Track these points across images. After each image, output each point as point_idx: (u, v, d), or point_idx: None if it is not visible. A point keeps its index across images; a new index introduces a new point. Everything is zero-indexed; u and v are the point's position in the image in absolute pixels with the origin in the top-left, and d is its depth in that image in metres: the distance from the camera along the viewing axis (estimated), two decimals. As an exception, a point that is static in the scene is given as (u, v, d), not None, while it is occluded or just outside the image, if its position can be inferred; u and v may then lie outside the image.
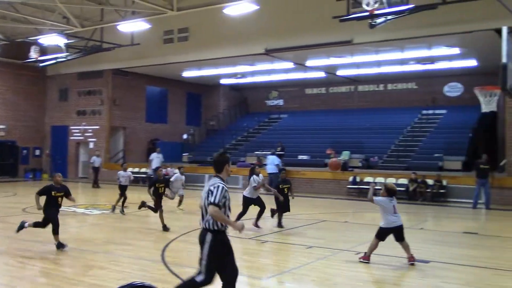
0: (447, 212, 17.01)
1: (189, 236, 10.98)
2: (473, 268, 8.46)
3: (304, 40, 20.88)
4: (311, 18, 19.89)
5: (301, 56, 24.00)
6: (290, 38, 21.27)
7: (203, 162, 27.35)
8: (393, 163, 22.94)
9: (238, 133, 31.66)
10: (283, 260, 8.84)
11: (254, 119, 32.90)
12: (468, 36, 18.81)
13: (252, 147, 28.28)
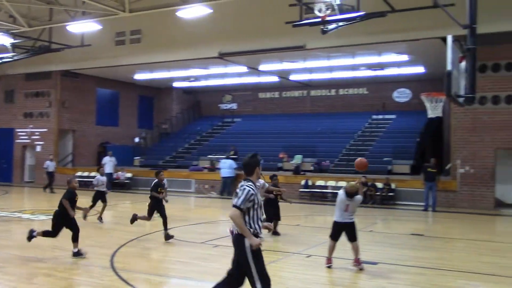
0: (395, 214, 17.44)
1: (141, 241, 10.81)
2: (419, 269, 8.70)
3: (258, 44, 21.00)
4: (265, 23, 20.02)
5: (254, 60, 24.12)
6: (244, 42, 21.34)
7: (155, 166, 27.00)
8: (344, 166, 23.34)
9: (191, 136, 31.45)
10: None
11: (207, 122, 32.79)
12: (415, 44, 19.43)
13: (205, 151, 28.15)
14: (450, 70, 8.71)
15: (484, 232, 13.63)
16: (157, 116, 34.08)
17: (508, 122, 18.33)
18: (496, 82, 18.52)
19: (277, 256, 9.39)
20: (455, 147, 19.35)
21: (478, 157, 18.75)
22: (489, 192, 18.54)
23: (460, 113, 18.94)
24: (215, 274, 8.04)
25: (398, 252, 10.33)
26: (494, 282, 7.79)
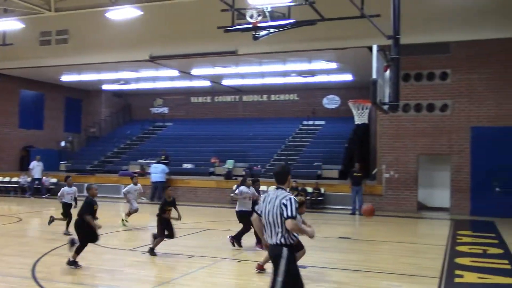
0: (324, 218, 17.82)
1: (64, 249, 10.38)
2: (347, 272, 8.93)
3: (190, 48, 20.85)
4: (197, 27, 19.91)
5: (186, 64, 23.94)
6: (176, 46, 21.11)
7: (82, 171, 26.13)
8: (275, 171, 23.57)
9: (121, 140, 30.70)
10: (164, 271, 8.68)
11: (137, 126, 32.12)
12: (344, 52, 20.03)
13: (135, 156, 27.58)
14: (375, 78, 9.03)
15: (407, 235, 14.21)
16: (85, 119, 32.99)
17: (429, 129, 19.28)
18: (418, 91, 19.44)
19: (208, 262, 9.33)
20: (381, 153, 20.10)
21: (402, 162, 19.58)
22: (412, 196, 19.39)
23: (385, 120, 19.72)
24: (143, 282, 7.87)
25: (326, 255, 10.54)
26: (416, 282, 8.12)
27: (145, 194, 23.04)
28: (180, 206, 13.87)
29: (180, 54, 21.43)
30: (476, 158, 18.60)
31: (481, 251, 10.95)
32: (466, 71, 18.92)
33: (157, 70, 25.21)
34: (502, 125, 18.40)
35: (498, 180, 18.20)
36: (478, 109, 18.77)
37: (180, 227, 13.32)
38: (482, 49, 18.65)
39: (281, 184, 5.42)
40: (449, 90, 19.12)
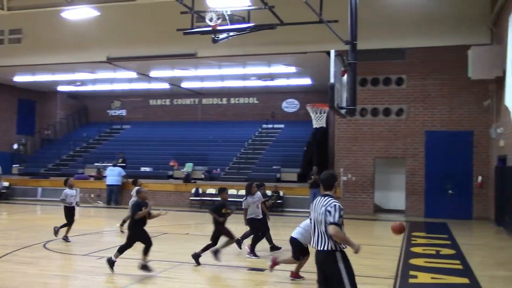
0: (283, 221, 17.90)
1: (15, 255, 10.05)
2: (304, 274, 8.98)
3: (148, 50, 20.61)
4: (156, 29, 19.71)
5: (145, 66, 23.66)
6: (134, 48, 20.83)
7: (36, 174, 25.40)
8: (235, 174, 23.60)
9: (77, 143, 29.99)
10: (119, 277, 8.51)
11: (94, 129, 31.45)
12: (303, 57, 20.25)
13: (92, 159, 27.01)
14: (333, 83, 9.14)
15: (364, 236, 14.44)
16: (40, 121, 32.04)
17: (385, 133, 19.70)
18: (375, 95, 19.85)
19: (165, 266, 9.22)
20: (339, 156, 20.40)
21: (359, 166, 19.93)
22: (369, 199, 19.75)
23: (343, 124, 20.03)
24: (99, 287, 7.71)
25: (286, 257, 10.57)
26: (372, 283, 8.26)
27: (100, 197, 22.67)
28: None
29: (139, 56, 21.16)
30: (430, 162, 19.12)
31: (434, 252, 11.24)
32: (421, 77, 19.44)
33: (115, 71, 24.79)
34: (454, 129, 19.00)
35: (451, 183, 18.77)
36: (432, 113, 19.32)
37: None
38: (436, 56, 19.23)
39: (327, 190, 5.51)
40: (405, 95, 19.61)
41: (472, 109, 18.88)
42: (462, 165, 18.81)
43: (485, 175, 18.51)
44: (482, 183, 18.50)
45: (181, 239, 12.90)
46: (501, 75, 15.43)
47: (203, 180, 23.48)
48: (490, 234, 15.17)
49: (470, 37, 17.74)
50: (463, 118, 18.99)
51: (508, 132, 14.85)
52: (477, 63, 16.08)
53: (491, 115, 18.06)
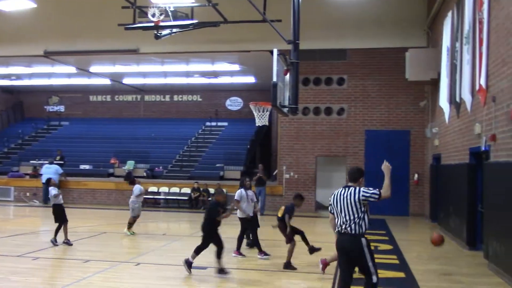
0: (228, 219, 17.84)
1: None
2: (245, 271, 9.03)
3: (88, 45, 20.06)
4: (96, 23, 19.20)
5: (84, 61, 23.00)
6: (73, 42, 20.20)
7: (-34, 172, 24.16)
8: (177, 172, 23.36)
9: (11, 140, 28.73)
10: (56, 277, 8.24)
11: (30, 125, 30.24)
12: (246, 55, 20.33)
13: (27, 156, 25.95)
14: (275, 81, 9.23)
15: (307, 233, 14.59)
16: (-29, 117, 30.52)
17: (326, 131, 20.08)
18: (317, 95, 20.19)
19: (104, 266, 8.99)
20: (281, 154, 20.60)
21: (301, 164, 20.21)
22: (311, 196, 20.05)
23: (286, 122, 20.25)
24: (33, 290, 7.43)
25: (229, 255, 10.57)
26: (314, 279, 8.39)
27: (37, 196, 21.85)
28: (77, 209, 13.31)
29: (78, 51, 20.56)
30: (369, 160, 19.64)
31: (372, 248, 11.51)
32: (361, 78, 19.95)
33: (53, 66, 23.96)
34: (392, 128, 19.63)
35: (389, 181, 19.34)
36: (371, 113, 19.86)
37: (76, 230, 12.77)
38: (375, 57, 19.79)
39: (352, 182, 6.24)
40: (346, 95, 20.05)
41: (409, 109, 19.56)
42: (400, 163, 19.41)
43: (420, 173, 19.24)
44: (418, 181, 19.22)
45: (121, 238, 12.63)
46: (436, 77, 16.07)
47: (145, 178, 23.06)
48: (425, 230, 15.78)
49: (407, 40, 18.40)
50: (401, 118, 19.64)
51: (443, 132, 15.50)
52: (414, 65, 16.65)
53: (427, 115, 18.78)
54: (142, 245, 11.47)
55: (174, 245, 11.72)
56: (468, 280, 8.63)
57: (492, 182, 9.38)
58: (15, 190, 22.25)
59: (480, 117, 10.66)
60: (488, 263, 9.50)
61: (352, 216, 5.90)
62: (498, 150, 9.29)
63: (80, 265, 9.13)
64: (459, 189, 12.23)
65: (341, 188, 6.17)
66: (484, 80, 10.15)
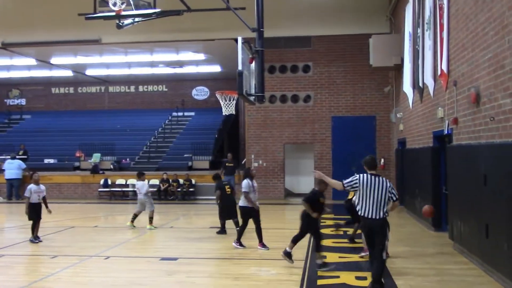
0: (196, 209, 17.89)
1: None
2: (217, 260, 9.06)
3: (48, 35, 19.53)
4: (56, 13, 18.64)
5: (45, 52, 22.44)
6: (32, 33, 19.63)
7: None
8: (145, 164, 23.13)
9: (-29, 135, 27.93)
10: (23, 274, 8.08)
11: (-10, 119, 29.45)
12: (211, 44, 20.18)
13: (-12, 151, 25.24)
14: (241, 70, 9.19)
15: (276, 221, 14.76)
16: None
17: (293, 119, 20.18)
18: (283, 82, 20.24)
19: (73, 261, 8.86)
20: (249, 143, 20.63)
21: (270, 152, 20.28)
22: (279, 184, 20.18)
23: (253, 111, 20.26)
24: (-2, 288, 7.26)
25: (197, 245, 10.57)
26: (284, 266, 8.45)
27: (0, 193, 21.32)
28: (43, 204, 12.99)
29: (37, 42, 20.02)
30: (336, 146, 19.87)
31: (341, 233, 11.73)
32: (326, 64, 20.08)
33: (11, 58, 23.28)
34: (358, 114, 19.86)
35: (356, 166, 19.59)
36: (337, 99, 20.04)
37: (42, 226, 12.54)
38: (340, 44, 19.95)
39: (374, 170, 6.97)
40: (311, 82, 20.17)
41: (374, 95, 19.82)
42: (366, 148, 19.68)
43: (387, 157, 19.57)
44: (384, 165, 19.54)
45: (90, 232, 12.45)
46: (400, 62, 16.31)
47: (112, 170, 22.76)
48: (391, 213, 15.97)
49: (371, 26, 18.58)
50: (366, 103, 19.89)
51: (407, 117, 15.77)
52: (377, 51, 16.86)
53: (391, 100, 19.08)
54: (111, 239, 11.33)
55: (144, 237, 11.63)
56: (434, 260, 8.86)
57: (455, 165, 9.61)
58: (-23, 187, 21.65)
59: (442, 101, 10.88)
60: (453, 243, 9.77)
61: (384, 202, 6.68)
62: (460, 133, 9.52)
63: (47, 261, 8.97)
64: (424, 172, 12.50)
65: (367, 174, 6.86)
66: (445, 65, 10.36)
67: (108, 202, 20.06)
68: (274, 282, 7.53)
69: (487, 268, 7.73)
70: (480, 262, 8.07)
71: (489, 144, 7.73)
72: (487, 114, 7.88)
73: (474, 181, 8.26)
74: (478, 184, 8.04)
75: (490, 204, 7.55)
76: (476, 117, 8.50)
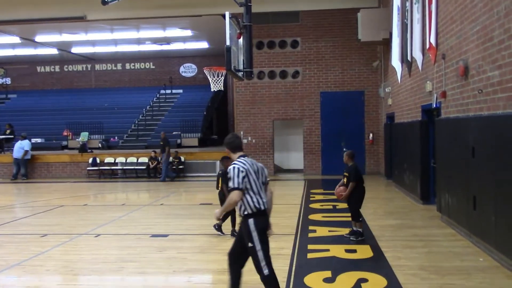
0: (185, 186, 17.87)
1: None
2: (206, 236, 9.07)
3: (31, 13, 19.11)
4: (39, -11, 18.33)
5: (29, 30, 22.07)
6: (14, 10, 19.19)
7: None
8: (134, 142, 23.05)
9: (-44, 116, 27.56)
10: (12, 253, 8.05)
11: (-25, 99, 29.05)
12: (198, 20, 19.95)
13: (-26, 132, 24.97)
14: (229, 45, 9.10)
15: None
16: None
17: (282, 95, 20.11)
18: (271, 58, 20.10)
19: (63, 239, 8.85)
20: (238, 119, 20.56)
21: (259, 128, 20.25)
22: (269, 160, 20.20)
23: (241, 87, 20.15)
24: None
25: (188, 222, 10.61)
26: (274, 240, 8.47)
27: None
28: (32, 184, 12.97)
29: (20, 19, 19.60)
30: (325, 121, 19.88)
31: (331, 207, 11.82)
32: (314, 40, 19.95)
33: (-5, 36, 22.89)
34: (346, 90, 19.84)
35: (345, 141, 19.69)
36: (326, 75, 19.98)
37: (31, 205, 12.52)
38: (328, 19, 19.79)
39: (241, 151, 5.27)
40: (300, 57, 20.05)
41: (362, 70, 19.78)
42: (355, 123, 19.77)
43: (375, 132, 19.64)
44: (373, 140, 19.63)
45: (79, 211, 12.42)
46: (388, 37, 16.24)
47: (100, 149, 22.66)
48: (380, 187, 16.22)
49: (359, 1, 18.41)
50: (355, 78, 19.85)
51: (395, 91, 15.78)
52: (365, 25, 16.75)
53: (380, 75, 19.06)
54: (101, 217, 11.32)
55: (134, 214, 11.63)
56: (423, 232, 8.97)
57: (443, 138, 9.67)
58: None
59: (431, 75, 10.89)
60: (441, 216, 9.89)
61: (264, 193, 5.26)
62: (448, 106, 9.54)
63: (37, 240, 8.95)
64: (412, 146, 12.57)
65: (244, 158, 5.20)
66: (434, 38, 10.33)
67: (97, 180, 19.99)
68: (264, 256, 7.57)
69: (474, 239, 7.84)
70: (467, 233, 8.18)
71: (477, 116, 7.76)
72: (475, 87, 7.90)
73: (462, 153, 8.32)
74: (466, 157, 8.10)
75: (478, 176, 7.62)
76: (464, 90, 8.52)
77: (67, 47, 25.93)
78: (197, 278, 6.74)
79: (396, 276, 6.28)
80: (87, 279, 6.69)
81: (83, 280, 6.65)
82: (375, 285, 5.96)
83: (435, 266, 6.79)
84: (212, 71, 11.90)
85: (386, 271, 6.49)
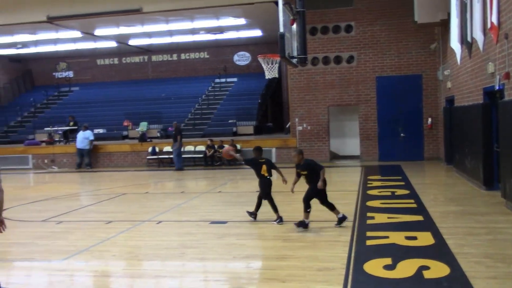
0: (242, 174, 18.07)
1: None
2: (264, 223, 9.17)
3: (90, 7, 19.78)
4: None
5: (88, 24, 22.80)
6: (74, 5, 19.91)
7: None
8: (191, 131, 23.48)
9: (24, 108, 28.99)
10: (80, 239, 8.45)
11: (41, 93, 30.38)
12: (251, 8, 19.96)
13: (41, 124, 26.23)
14: (282, 32, 9.08)
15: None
16: (-19, 88, 30.68)
17: (336, 81, 19.89)
18: (325, 44, 19.89)
19: (127, 226, 9.19)
20: (293, 106, 20.52)
21: (314, 115, 20.14)
22: (325, 146, 20.09)
23: (296, 74, 20.07)
24: (59, 252, 7.64)
25: (245, 209, 10.72)
26: (332, 228, 8.50)
27: (54, 162, 22.16)
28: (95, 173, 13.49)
29: (80, 14, 20.34)
30: (381, 107, 19.53)
31: (389, 193, 11.65)
32: (369, 23, 19.56)
33: (57, 32, 23.80)
34: (403, 73, 19.37)
35: (402, 126, 19.29)
36: (381, 59, 19.57)
37: (95, 193, 13.04)
38: (382, 1, 19.33)
39: None
40: (354, 42, 19.73)
41: (420, 53, 19.23)
42: (413, 108, 19.31)
43: (434, 116, 19.10)
44: (431, 125, 19.11)
45: (141, 199, 12.84)
46: (446, 17, 15.68)
47: (159, 138, 23.26)
48: (441, 173, 15.81)
49: (415, -20, 17.84)
50: (412, 62, 19.35)
51: (455, 74, 15.27)
52: (422, 6, 16.23)
53: (438, 57, 18.47)
54: (161, 204, 11.67)
55: (193, 202, 11.90)
56: (486, 219, 8.70)
57: (507, 121, 9.29)
58: (33, 158, 22.56)
59: (493, 56, 10.46)
60: (506, 202, 9.54)
61: None
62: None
63: (103, 226, 9.34)
64: (474, 130, 12.15)
65: None
66: (495, 17, 9.89)
67: (157, 169, 20.55)
68: (322, 243, 7.59)
69: (542, 226, 7.53)
70: (534, 220, 7.87)
71: (544, 98, 7.41)
72: (542, 67, 7.53)
73: (528, 137, 7.98)
74: (532, 140, 7.77)
75: (545, 160, 7.30)
76: (530, 70, 8.14)
77: (125, 40, 26.65)
78: (256, 264, 6.85)
79: (459, 263, 6.14)
80: (150, 264, 6.93)
81: (146, 265, 6.90)
82: (437, 273, 5.85)
83: (501, 253, 6.58)
84: (266, 58, 11.90)
85: (449, 259, 6.35)
